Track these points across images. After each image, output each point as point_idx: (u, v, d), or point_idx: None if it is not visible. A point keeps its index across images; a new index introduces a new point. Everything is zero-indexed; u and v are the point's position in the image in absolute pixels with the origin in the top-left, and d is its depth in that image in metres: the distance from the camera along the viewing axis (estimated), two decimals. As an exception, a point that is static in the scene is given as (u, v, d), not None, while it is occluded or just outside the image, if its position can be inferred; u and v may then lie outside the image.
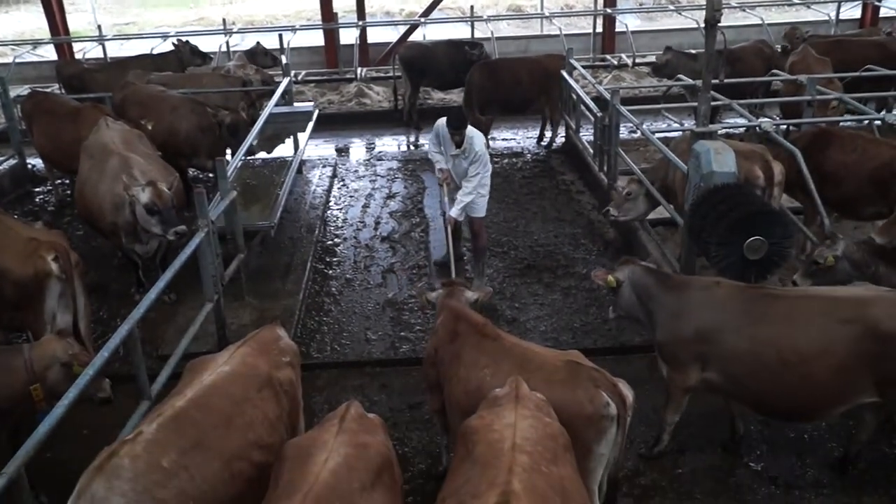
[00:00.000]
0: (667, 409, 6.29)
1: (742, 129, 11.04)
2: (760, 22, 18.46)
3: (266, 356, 5.19)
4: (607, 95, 10.75)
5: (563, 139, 14.07)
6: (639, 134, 13.60)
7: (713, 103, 9.24)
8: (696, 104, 12.05)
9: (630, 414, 4.96)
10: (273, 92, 12.64)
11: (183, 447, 4.30)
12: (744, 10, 20.92)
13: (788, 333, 5.59)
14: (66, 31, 19.54)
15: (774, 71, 12.88)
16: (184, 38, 15.97)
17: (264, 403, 4.85)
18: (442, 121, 8.62)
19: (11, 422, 5.82)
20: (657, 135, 9.73)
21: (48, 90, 14.16)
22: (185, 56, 15.40)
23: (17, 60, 18.94)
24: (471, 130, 8.55)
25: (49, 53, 20.19)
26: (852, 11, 20.41)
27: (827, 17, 19.54)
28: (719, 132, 8.35)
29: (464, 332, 5.60)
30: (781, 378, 5.59)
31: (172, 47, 15.73)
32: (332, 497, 3.90)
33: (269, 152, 12.13)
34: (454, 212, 8.63)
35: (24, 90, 14.01)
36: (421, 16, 20.46)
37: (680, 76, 13.08)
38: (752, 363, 5.68)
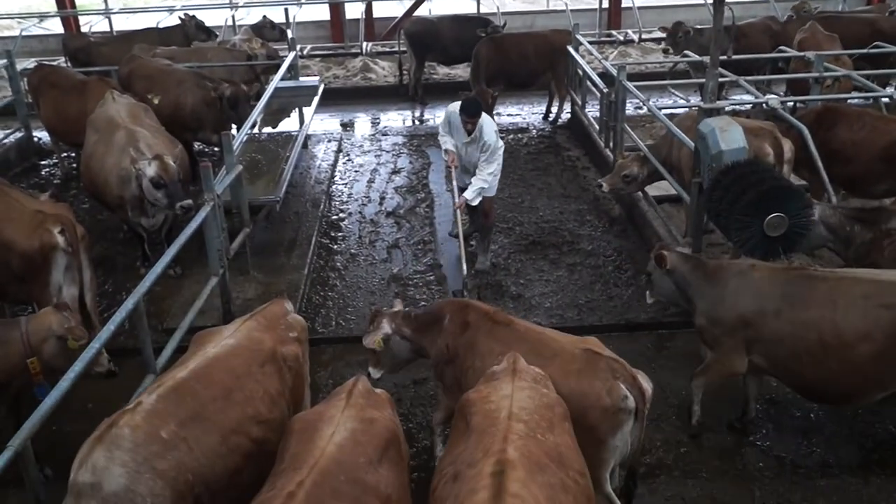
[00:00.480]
0: (696, 381, 6.28)
1: (749, 106, 10.97)
2: (767, -1, 18.31)
3: (272, 331, 5.20)
4: (614, 71, 10.71)
5: (569, 115, 14.00)
6: (645, 110, 13.60)
7: (720, 80, 9.18)
8: (702, 80, 12.05)
9: (648, 406, 4.92)
10: (278, 66, 12.59)
11: (182, 418, 4.33)
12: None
13: (829, 317, 5.51)
14: (73, 5, 19.50)
15: (782, 48, 12.78)
16: (189, 13, 15.89)
17: (266, 379, 4.86)
18: (454, 107, 8.48)
19: (10, 395, 5.84)
20: (663, 111, 9.70)
21: (54, 63, 14.15)
22: (189, 31, 15.33)
23: (24, 34, 18.85)
24: (483, 118, 8.42)
25: (55, 27, 20.13)
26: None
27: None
28: (726, 109, 8.31)
29: (475, 321, 5.48)
30: (822, 362, 5.54)
31: (178, 22, 15.65)
32: (338, 471, 3.93)
33: (274, 126, 12.12)
34: (470, 195, 8.48)
35: (30, 63, 14.01)
36: (427, -10, 20.31)
37: (686, 52, 13.01)
38: (794, 347, 5.64)
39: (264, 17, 16.66)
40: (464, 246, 8.46)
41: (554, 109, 14.38)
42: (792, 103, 10.48)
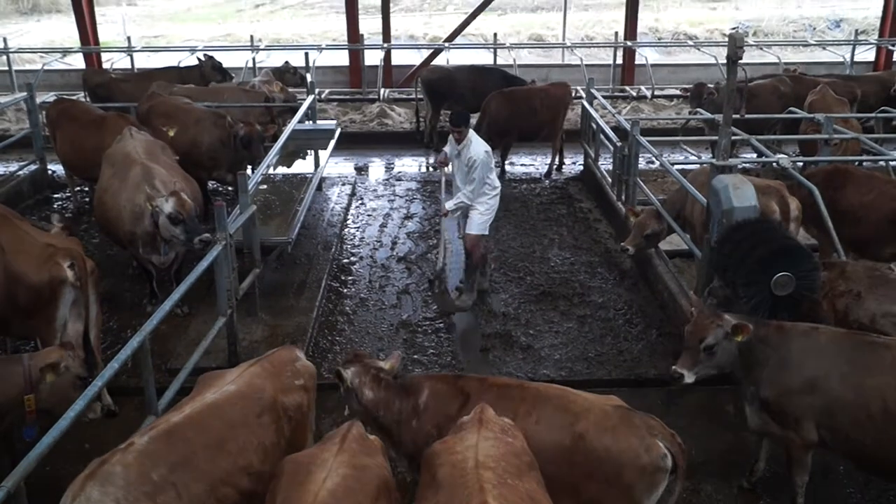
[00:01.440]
0: (792, 471, 5.85)
1: (760, 166, 11.02)
2: (777, 61, 18.50)
3: (276, 378, 5.11)
4: (627, 126, 10.76)
5: (582, 167, 14.04)
6: (656, 164, 13.66)
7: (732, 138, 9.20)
8: (713, 138, 12.09)
9: (685, 465, 4.76)
10: (295, 109, 12.69)
11: (172, 463, 4.27)
12: (761, 49, 20.99)
13: (894, 384, 5.31)
14: (96, 42, 19.80)
15: (792, 109, 12.89)
16: (209, 54, 16.12)
17: (262, 430, 4.77)
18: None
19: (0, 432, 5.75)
20: (675, 166, 9.70)
21: (74, 97, 14.31)
22: (206, 71, 15.53)
23: (46, 68, 19.15)
24: (472, 135, 8.86)
25: (77, 62, 20.46)
26: (867, 54, 20.46)
27: (842, 59, 19.53)
28: (738, 166, 8.32)
29: (474, 390, 5.16)
30: (887, 432, 5.32)
31: (197, 62, 15.87)
32: None
33: (288, 166, 12.16)
34: (449, 204, 9.00)
35: (50, 97, 14.17)
36: (445, 40, 20.58)
37: (699, 109, 13.12)
38: (858, 415, 5.40)
39: (286, 62, 16.88)
40: (445, 245, 8.64)
41: (555, 160, 14.48)
42: (801, 163, 10.49)
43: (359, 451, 4.39)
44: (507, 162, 14.48)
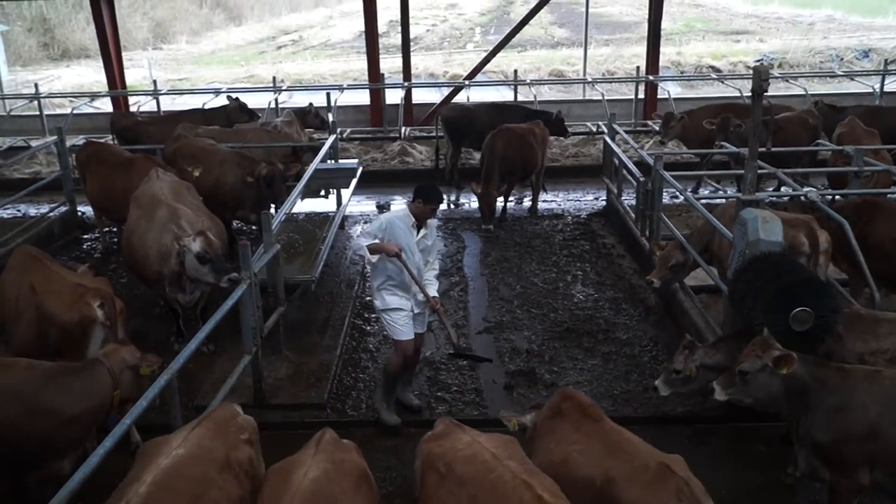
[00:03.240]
0: None
1: (786, 199, 10.96)
2: (804, 93, 18.44)
3: (222, 436, 4.98)
4: (650, 160, 10.74)
5: (605, 203, 14.04)
6: (680, 199, 13.63)
7: (758, 171, 9.18)
8: (738, 172, 12.04)
9: None
10: (317, 148, 12.83)
11: None
12: (787, 81, 20.95)
13: None
14: (123, 85, 20.20)
15: (820, 141, 12.83)
16: (234, 95, 16.37)
17: (227, 486, 4.66)
18: (397, 213, 7.60)
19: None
20: (701, 201, 9.67)
21: (102, 140, 14.56)
22: (232, 112, 15.77)
23: (75, 112, 19.53)
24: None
25: (105, 106, 20.90)
26: (896, 84, 20.38)
27: (872, 90, 19.44)
28: (765, 200, 8.28)
29: (567, 410, 5.30)
30: None
31: (226, 101, 16.12)
32: (316, 499, 4.22)
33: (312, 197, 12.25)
34: (433, 292, 7.67)
35: (79, 140, 14.44)
36: (466, 78, 20.77)
37: (723, 143, 13.06)
38: None
39: (310, 104, 17.02)
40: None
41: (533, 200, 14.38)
42: (830, 197, 10.43)
43: (334, 451, 4.71)
44: (525, 200, 14.53)
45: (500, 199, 13.40)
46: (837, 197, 10.40)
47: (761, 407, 6.02)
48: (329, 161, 13.04)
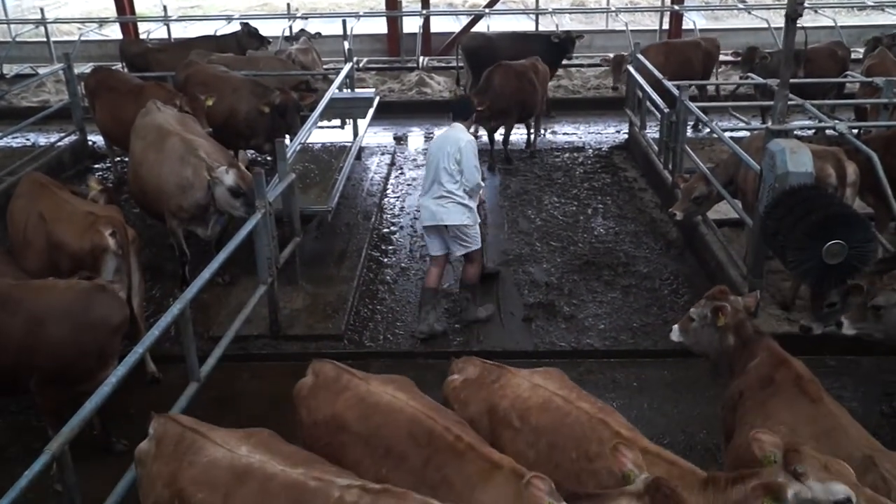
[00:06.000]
0: None
1: (813, 132, 10.67)
2: (833, 24, 17.86)
3: None
4: (675, 91, 10.44)
5: (626, 136, 13.73)
6: (703, 133, 13.34)
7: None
8: (764, 104, 11.70)
9: None
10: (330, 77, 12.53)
11: None
12: (816, 12, 20.29)
13: None
14: (132, 11, 19.74)
15: (849, 73, 12.46)
16: (246, 22, 15.98)
17: None
18: (468, 135, 7.80)
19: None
20: (726, 133, 9.39)
21: (112, 67, 14.29)
22: (243, 39, 15.42)
23: (83, 38, 19.17)
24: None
25: (114, 33, 20.47)
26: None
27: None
28: (795, 131, 8.02)
29: (780, 382, 4.81)
30: None
31: (239, 28, 15.75)
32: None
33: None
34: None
35: (88, 67, 14.15)
36: (486, 6, 20.22)
37: (750, 74, 12.72)
38: None
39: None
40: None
41: (532, 136, 13.68)
42: (857, 130, 10.12)
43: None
44: (548, 132, 14.22)
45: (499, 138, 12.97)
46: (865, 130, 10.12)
47: (892, 342, 5.81)
48: (345, 90, 12.77)
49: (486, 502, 3.90)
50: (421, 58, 18.53)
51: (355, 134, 12.04)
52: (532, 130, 13.56)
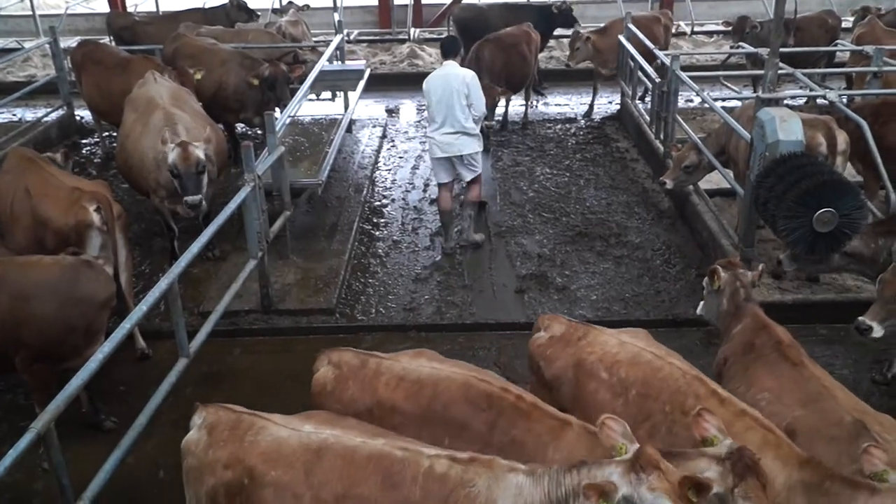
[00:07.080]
0: None
1: (804, 100, 10.62)
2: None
3: None
4: (667, 61, 10.38)
5: (619, 106, 13.65)
6: (694, 103, 13.28)
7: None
8: (755, 73, 11.63)
9: None
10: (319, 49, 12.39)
11: None
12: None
13: None
14: (119, -16, 19.49)
15: (840, 41, 12.41)
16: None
17: None
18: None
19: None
20: (717, 102, 9.33)
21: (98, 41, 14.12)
22: (231, 11, 15.25)
23: (69, 12, 18.93)
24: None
25: (101, 5, 20.19)
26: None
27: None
28: (785, 100, 7.99)
29: (761, 347, 4.87)
30: None
31: (222, 2, 15.58)
32: None
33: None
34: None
35: (74, 41, 13.97)
36: (476, -23, 19.99)
37: (741, 43, 12.67)
38: None
39: (290, 1, 16.35)
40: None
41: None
42: (846, 98, 10.08)
43: None
44: (541, 102, 14.12)
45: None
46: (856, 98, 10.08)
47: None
48: (335, 62, 12.65)
49: (560, 461, 3.78)
50: (412, 29, 18.39)
51: (346, 106, 11.93)
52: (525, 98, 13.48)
